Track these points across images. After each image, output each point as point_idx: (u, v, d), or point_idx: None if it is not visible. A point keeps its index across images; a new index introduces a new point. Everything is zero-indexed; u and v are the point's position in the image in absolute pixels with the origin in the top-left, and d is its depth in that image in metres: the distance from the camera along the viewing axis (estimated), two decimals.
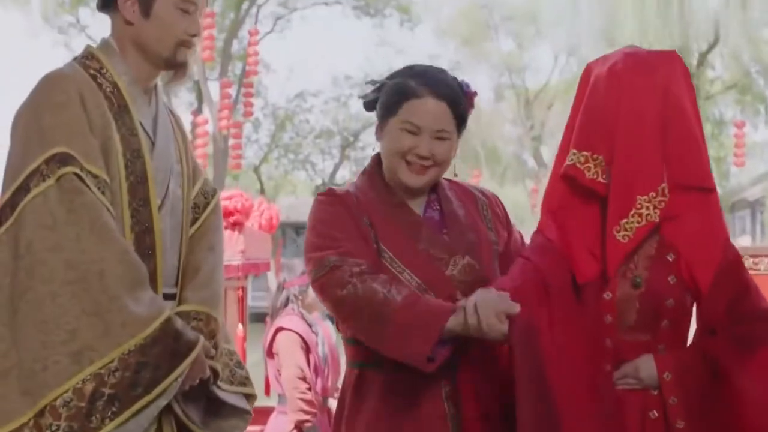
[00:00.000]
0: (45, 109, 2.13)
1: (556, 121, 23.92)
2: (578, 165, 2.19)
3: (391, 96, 2.30)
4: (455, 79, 2.36)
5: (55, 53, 37.00)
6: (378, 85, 2.37)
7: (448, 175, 2.42)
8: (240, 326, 5.86)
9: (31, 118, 2.13)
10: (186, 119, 17.38)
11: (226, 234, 4.70)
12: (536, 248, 2.27)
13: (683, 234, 2.21)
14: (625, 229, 2.16)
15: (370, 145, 20.54)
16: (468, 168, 22.67)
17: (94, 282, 2.05)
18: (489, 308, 2.05)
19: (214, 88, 19.93)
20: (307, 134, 25.97)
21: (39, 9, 21.91)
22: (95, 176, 2.12)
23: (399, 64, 2.50)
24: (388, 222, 2.29)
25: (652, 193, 2.15)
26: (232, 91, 17.59)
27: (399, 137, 2.27)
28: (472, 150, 26.08)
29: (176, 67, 2.28)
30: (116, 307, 2.05)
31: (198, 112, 18.80)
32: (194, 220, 2.37)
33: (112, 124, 2.18)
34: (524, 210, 23.92)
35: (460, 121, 2.31)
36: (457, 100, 2.30)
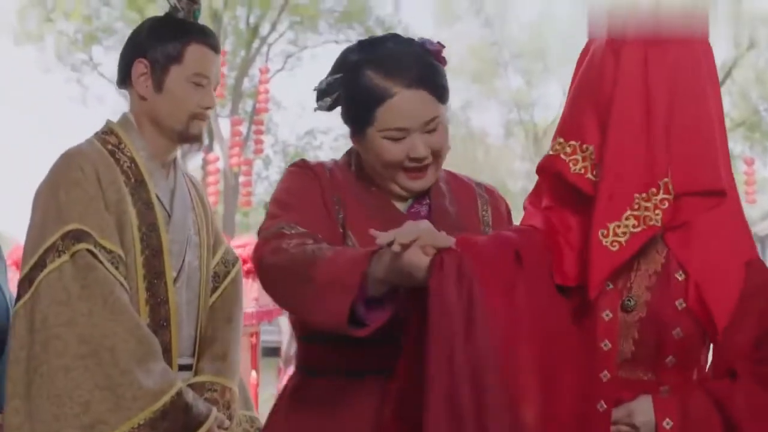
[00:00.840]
0: (61, 186, 2.16)
1: None
2: (563, 156, 1.73)
3: (357, 101, 1.89)
4: (414, 43, 1.94)
5: (68, 89, 37.54)
6: (330, 81, 1.95)
7: None
8: (253, 373, 5.87)
9: (49, 194, 2.17)
10: (197, 156, 17.43)
11: None
12: (513, 229, 1.87)
13: (692, 249, 1.72)
14: (616, 234, 1.66)
15: None
16: None
17: (105, 356, 2.07)
18: (411, 238, 1.61)
19: (224, 126, 19.99)
20: None
21: (53, 46, 22.14)
22: (109, 251, 2.14)
23: None
24: (362, 206, 1.93)
25: (653, 189, 1.67)
26: (243, 128, 17.62)
27: (386, 148, 1.88)
28: None
29: (190, 140, 2.29)
30: (127, 380, 2.07)
31: (209, 149, 18.83)
32: (214, 290, 2.37)
33: (128, 198, 2.20)
34: None
35: (443, 94, 1.91)
36: (432, 75, 1.89)
